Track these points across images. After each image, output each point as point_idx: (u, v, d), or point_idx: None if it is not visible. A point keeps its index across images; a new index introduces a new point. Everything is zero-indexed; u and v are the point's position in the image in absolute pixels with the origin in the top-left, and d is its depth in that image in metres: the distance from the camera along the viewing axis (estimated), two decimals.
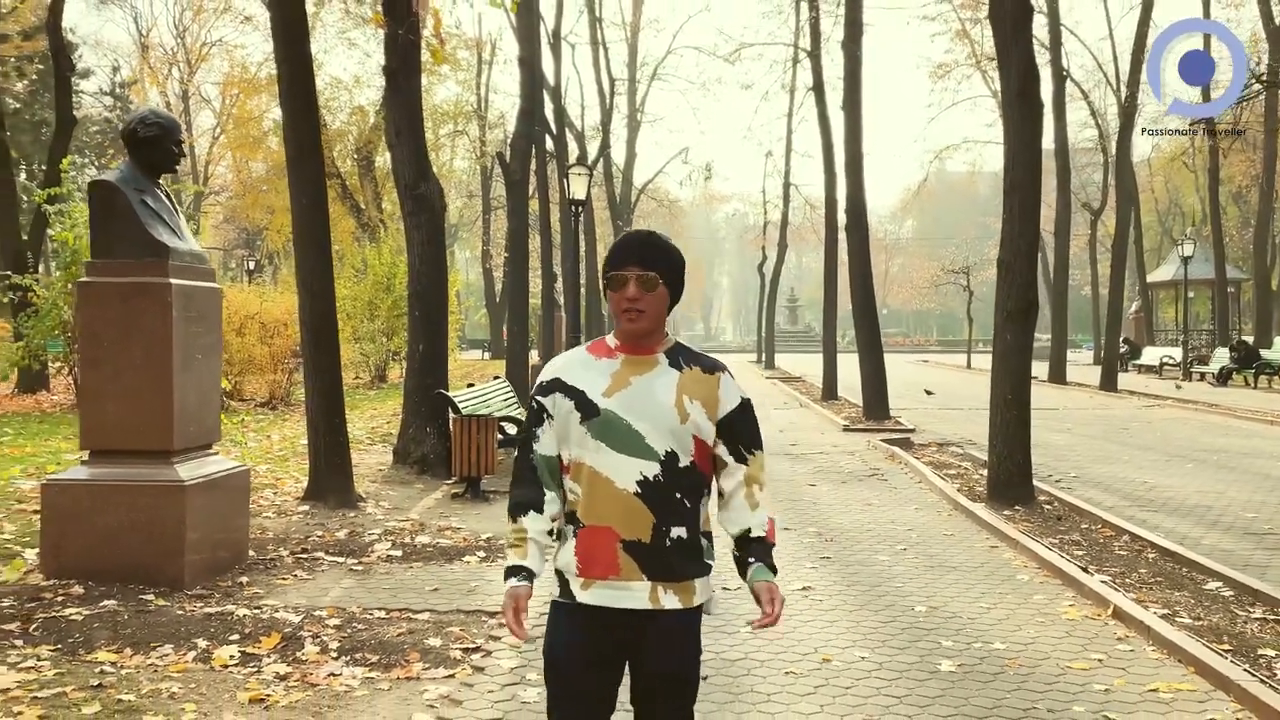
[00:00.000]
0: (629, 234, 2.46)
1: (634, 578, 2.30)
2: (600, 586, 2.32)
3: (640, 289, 2.34)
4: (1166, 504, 8.88)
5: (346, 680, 4.36)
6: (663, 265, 2.38)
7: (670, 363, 2.40)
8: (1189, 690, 4.34)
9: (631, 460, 2.30)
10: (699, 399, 2.36)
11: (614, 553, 2.30)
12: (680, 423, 2.33)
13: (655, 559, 2.31)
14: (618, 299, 2.35)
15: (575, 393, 2.36)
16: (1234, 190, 44.61)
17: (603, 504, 2.32)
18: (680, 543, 2.33)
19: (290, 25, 8.05)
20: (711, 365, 2.44)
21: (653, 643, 2.34)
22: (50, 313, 14.98)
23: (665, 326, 2.44)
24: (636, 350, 2.40)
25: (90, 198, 5.86)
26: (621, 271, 2.35)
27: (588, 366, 2.41)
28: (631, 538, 2.30)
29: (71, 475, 5.86)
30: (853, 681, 4.44)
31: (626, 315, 2.35)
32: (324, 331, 8.32)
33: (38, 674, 4.28)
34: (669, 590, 2.32)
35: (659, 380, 2.36)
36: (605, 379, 2.36)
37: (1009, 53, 8.54)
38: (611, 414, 2.32)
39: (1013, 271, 8.72)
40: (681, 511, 2.34)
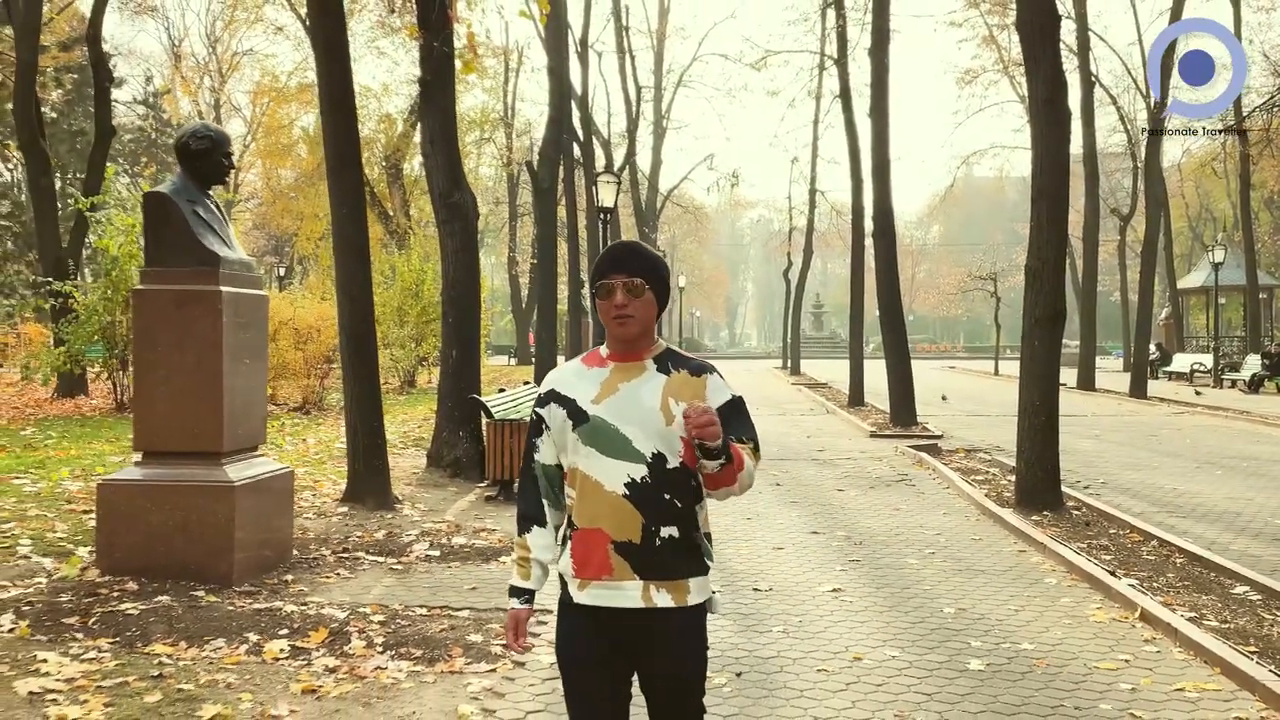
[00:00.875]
0: (613, 245, 2.53)
1: (626, 577, 2.37)
2: (595, 587, 2.39)
3: (627, 295, 2.41)
4: (1195, 510, 8.91)
5: (393, 673, 4.53)
6: (648, 272, 2.45)
7: (658, 367, 2.47)
8: (1215, 690, 4.42)
9: (619, 463, 2.37)
10: (686, 400, 2.41)
11: (606, 554, 2.37)
12: (666, 424, 2.38)
13: (646, 559, 2.37)
14: (606, 307, 2.43)
15: (568, 402, 2.44)
16: (1266, 195, 44.19)
17: (594, 506, 2.39)
18: (671, 542, 2.39)
19: (331, 42, 8.27)
20: (699, 367, 2.49)
21: (653, 644, 2.40)
22: (90, 319, 15.32)
23: (654, 333, 2.52)
24: (626, 357, 2.47)
25: (145, 209, 6.09)
26: (608, 280, 2.43)
27: (581, 376, 2.49)
28: (622, 539, 2.37)
29: (125, 476, 6.08)
30: (884, 679, 4.55)
31: (616, 321, 2.43)
32: (363, 337, 8.52)
33: (100, 665, 4.48)
34: (661, 589, 2.38)
35: (646, 385, 2.43)
36: (595, 387, 2.44)
37: (1036, 61, 8.63)
38: (600, 420, 2.40)
39: (1041, 279, 8.79)
40: (672, 511, 2.39)
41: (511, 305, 45.36)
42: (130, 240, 14.67)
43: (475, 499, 9.22)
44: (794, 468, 11.61)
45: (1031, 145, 9.00)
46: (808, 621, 5.45)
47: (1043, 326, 8.79)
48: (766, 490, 10.03)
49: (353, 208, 8.45)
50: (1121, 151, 39.57)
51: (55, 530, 7.11)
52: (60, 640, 4.81)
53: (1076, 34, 26.69)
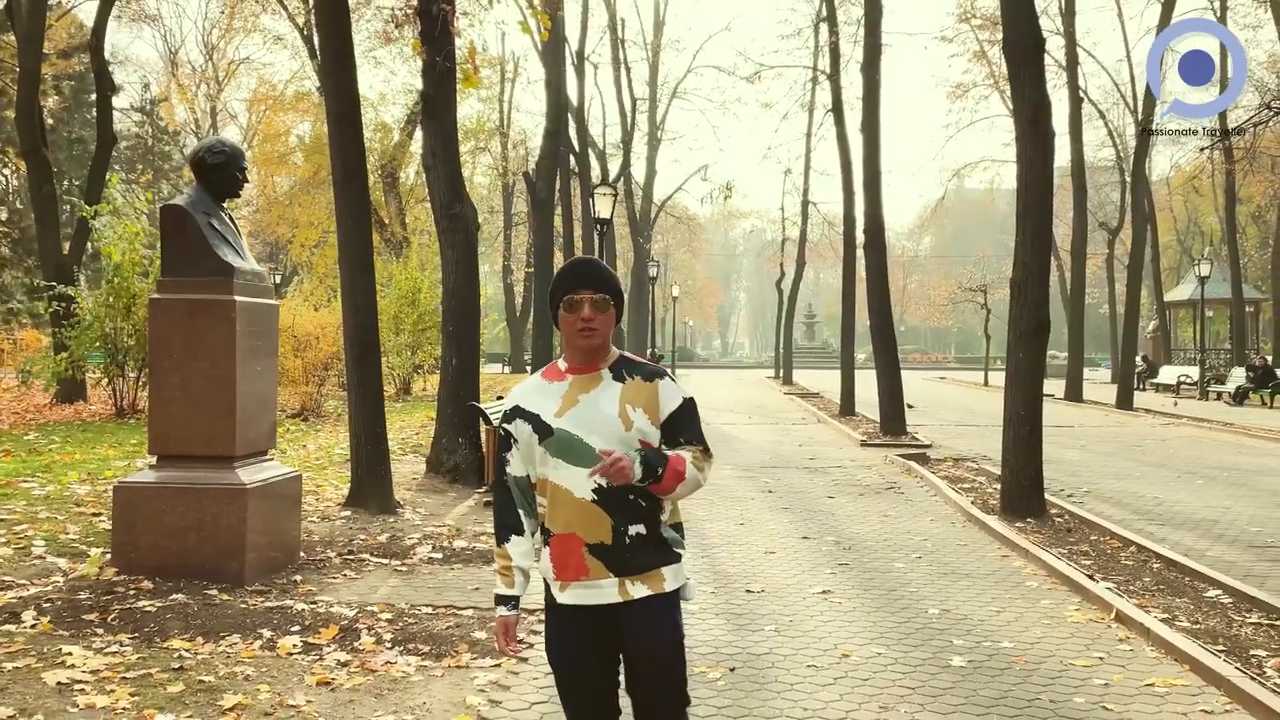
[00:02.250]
0: (579, 260, 2.68)
1: (602, 576, 2.54)
2: (575, 587, 2.56)
3: (594, 310, 2.57)
4: (1174, 518, 9.18)
5: (402, 667, 4.75)
6: (611, 289, 2.62)
7: (614, 376, 2.62)
8: (1183, 685, 4.67)
9: (586, 471, 2.51)
10: (640, 405, 2.58)
11: (581, 556, 2.53)
12: (626, 430, 2.54)
13: (618, 557, 2.53)
14: (572, 320, 2.57)
15: (532, 417, 2.59)
16: (1253, 210, 44.70)
17: (566, 513, 2.54)
18: (640, 539, 2.55)
19: (339, 57, 8.52)
20: (651, 372, 2.65)
21: (628, 625, 2.56)
22: (93, 325, 15.51)
23: (610, 344, 2.66)
24: (584, 369, 2.62)
25: (162, 220, 6.31)
26: (577, 294, 2.57)
27: (542, 391, 2.63)
28: (595, 541, 2.53)
29: (141, 478, 6.30)
30: (870, 674, 4.79)
31: (582, 334, 2.57)
32: (367, 345, 8.75)
33: (122, 658, 4.69)
34: (637, 581, 2.55)
35: (603, 394, 2.58)
36: (556, 401, 2.59)
37: (1021, 83, 8.92)
38: (564, 432, 2.54)
39: (1025, 292, 9.07)
40: (637, 511, 2.55)
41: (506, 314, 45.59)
42: (132, 248, 14.87)
43: (474, 504, 9.44)
44: (786, 475, 11.85)
45: (1017, 163, 9.29)
46: (798, 621, 5.68)
47: (1027, 339, 9.06)
48: (759, 497, 10.27)
49: (358, 219, 8.68)
50: (1110, 165, 40.06)
51: (68, 532, 7.30)
52: (82, 635, 5.01)
53: (1065, 50, 27.15)
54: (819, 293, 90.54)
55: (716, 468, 12.83)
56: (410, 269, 24.07)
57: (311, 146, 35.87)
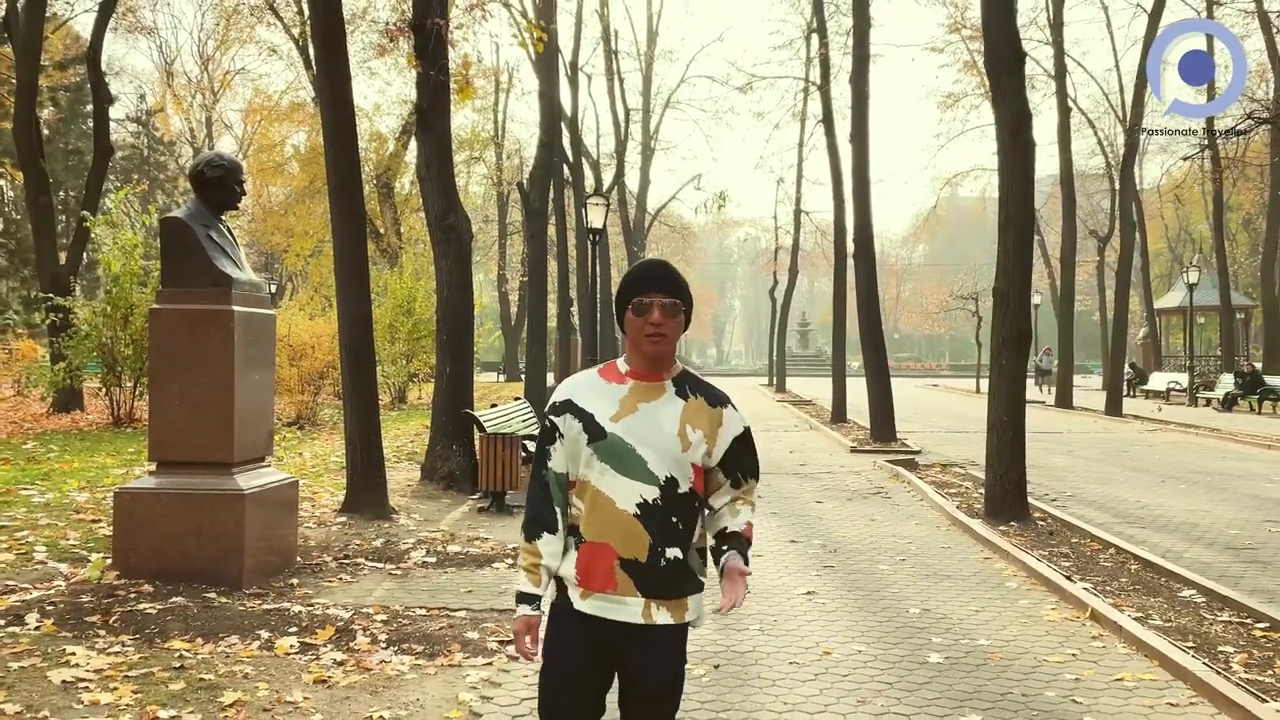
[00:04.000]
0: (651, 262, 2.54)
1: (630, 594, 2.42)
2: (598, 599, 2.43)
3: (664, 315, 2.44)
4: (1155, 521, 9.35)
5: (396, 666, 4.90)
6: (683, 294, 2.49)
7: (677, 390, 2.50)
8: (1151, 679, 4.84)
9: (633, 483, 2.41)
10: (701, 429, 2.47)
11: (612, 569, 2.41)
12: (682, 451, 2.44)
13: (651, 578, 2.42)
14: (640, 324, 2.44)
15: (585, 415, 2.46)
16: (1244, 217, 45.04)
17: (604, 522, 2.42)
18: (675, 563, 2.44)
19: (334, 71, 8.69)
20: (716, 398, 2.55)
21: (642, 654, 2.45)
22: (90, 335, 15.65)
23: (675, 354, 2.56)
24: (646, 376, 2.50)
25: (162, 233, 6.48)
26: (647, 297, 2.45)
27: (598, 390, 2.50)
28: (629, 556, 2.41)
29: (141, 485, 6.44)
30: (850, 670, 4.95)
31: (651, 339, 2.45)
32: (362, 354, 8.91)
33: (125, 658, 4.83)
34: (662, 607, 2.44)
35: (665, 409, 2.46)
36: (614, 404, 2.46)
37: (1002, 96, 9.13)
38: (617, 438, 2.42)
39: (1008, 301, 9.26)
40: (677, 534, 2.45)
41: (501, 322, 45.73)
42: (132, 259, 15.01)
43: (468, 510, 9.58)
44: (776, 481, 12.01)
45: (999, 173, 9.49)
46: (782, 620, 5.84)
47: (1009, 346, 9.25)
48: None
49: (353, 229, 8.85)
50: (1101, 174, 40.36)
51: (68, 538, 7.44)
52: (85, 636, 5.16)
53: (1054, 61, 27.39)
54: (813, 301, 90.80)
55: None
56: (405, 278, 24.23)
57: (307, 157, 36.08)
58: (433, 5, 10.23)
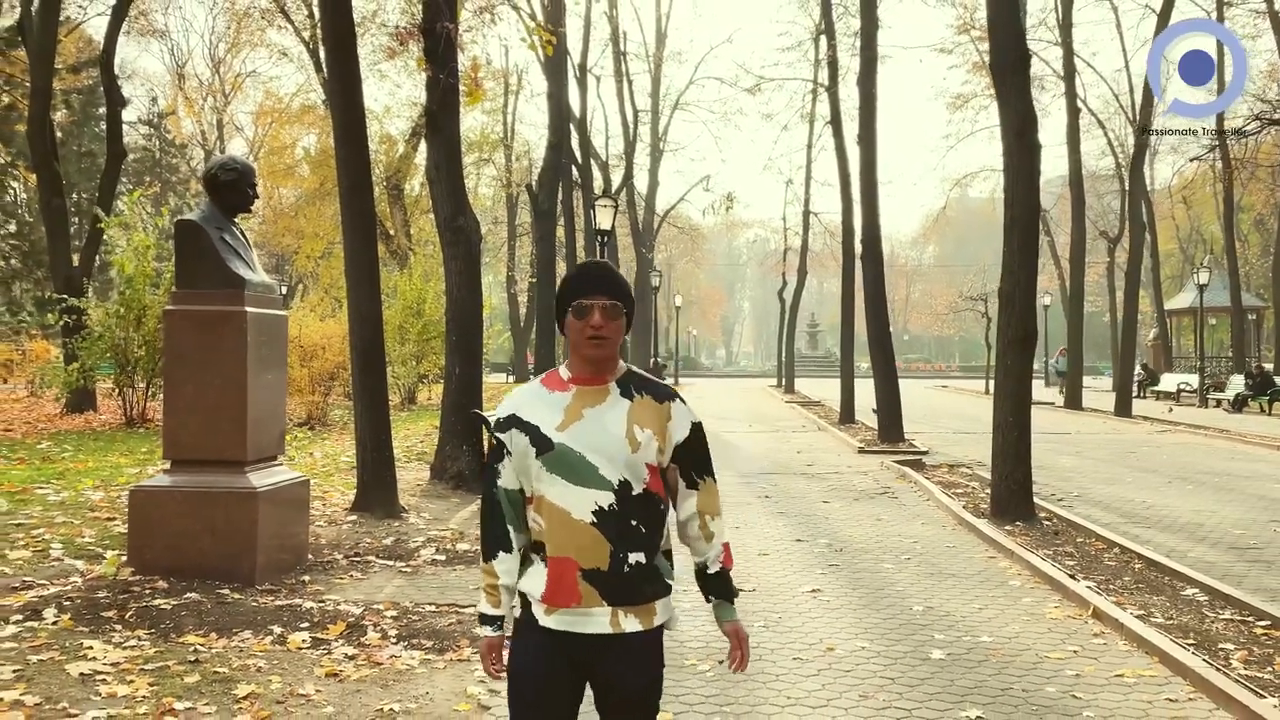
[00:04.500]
0: (590, 263, 2.50)
1: (595, 604, 2.36)
2: (563, 613, 2.37)
3: (605, 318, 2.40)
4: (1161, 521, 9.39)
5: (406, 660, 4.99)
6: (624, 296, 2.45)
7: (621, 391, 2.44)
8: (1151, 676, 4.89)
9: (586, 491, 2.34)
10: (650, 427, 2.41)
11: (574, 582, 2.35)
12: (632, 452, 2.37)
13: (615, 586, 2.36)
14: (581, 327, 2.40)
15: (530, 428, 2.40)
16: (1255, 217, 44.88)
17: (562, 535, 2.36)
18: (639, 568, 2.38)
19: (345, 75, 8.80)
20: (662, 393, 2.48)
21: (616, 664, 2.39)
22: (103, 336, 15.80)
23: (618, 356, 2.51)
24: (589, 380, 2.45)
25: (176, 235, 6.58)
26: (588, 300, 2.41)
27: (542, 400, 2.45)
28: (590, 566, 2.35)
29: (156, 483, 6.54)
30: (853, 666, 5.02)
31: (592, 343, 2.41)
32: (372, 356, 9.01)
33: (141, 652, 4.93)
34: (630, 614, 2.38)
35: (610, 411, 2.41)
36: (559, 413, 2.41)
37: (1007, 98, 9.18)
38: (565, 448, 2.36)
39: (1013, 302, 9.31)
40: (638, 537, 2.38)
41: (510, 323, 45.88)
42: (145, 260, 15.16)
43: (477, 509, 9.65)
44: (783, 481, 12.08)
45: (1004, 175, 9.54)
46: (787, 617, 5.91)
47: (1015, 347, 9.29)
48: (755, 502, 10.50)
49: (364, 231, 8.95)
50: (1112, 174, 40.28)
51: (83, 536, 7.55)
52: (101, 631, 5.26)
53: (1063, 61, 27.37)
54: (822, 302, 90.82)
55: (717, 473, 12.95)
56: (415, 279, 24.35)
57: (317, 159, 36.24)
58: (442, 9, 10.34)
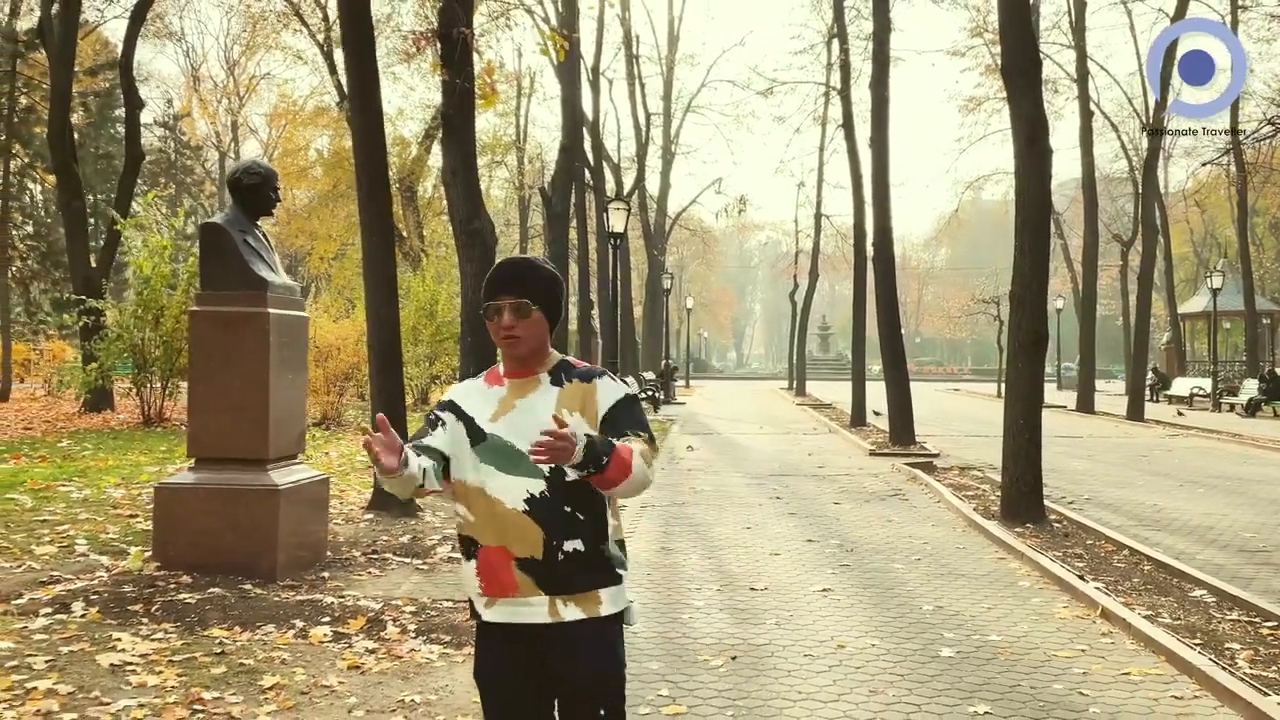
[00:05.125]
0: (499, 264, 2.51)
1: (531, 593, 2.37)
2: (502, 604, 2.39)
3: (514, 317, 2.43)
4: (1171, 524, 9.44)
5: (426, 654, 5.10)
6: (534, 291, 2.45)
7: (552, 380, 2.49)
8: (1158, 674, 4.97)
9: (518, 479, 2.37)
10: (577, 409, 2.43)
11: (510, 571, 2.36)
12: None
13: (550, 574, 2.36)
14: (494, 328, 2.45)
15: (466, 418, 2.46)
16: (1271, 220, 44.70)
17: (495, 524, 2.37)
18: (577, 556, 2.37)
19: (364, 81, 8.94)
20: (588, 374, 2.51)
21: (563, 654, 2.39)
22: (121, 336, 16.00)
23: (548, 348, 2.53)
24: (520, 374, 2.50)
25: (200, 237, 6.73)
26: (495, 302, 2.44)
27: (480, 394, 2.51)
28: (525, 555, 2.35)
29: (180, 480, 6.69)
30: (863, 663, 5.11)
31: (506, 342, 2.47)
32: (389, 355, 9.14)
33: (168, 644, 5.06)
34: (569, 602, 2.38)
35: (540, 400, 2.45)
36: (493, 405, 2.47)
37: (1018, 104, 9.26)
38: (497, 438, 2.41)
39: (1024, 305, 9.38)
40: (574, 525, 2.38)
41: None
42: (162, 261, 15.34)
43: None
44: (794, 483, 12.17)
45: (1015, 179, 9.61)
46: (798, 615, 6.01)
47: (1026, 350, 9.36)
48: (767, 503, 10.59)
49: (381, 234, 9.08)
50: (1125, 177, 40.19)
51: (107, 532, 7.70)
52: (129, 624, 5.39)
53: (1076, 65, 27.36)
54: (834, 304, 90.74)
55: (728, 475, 13.23)
56: (428, 281, 24.51)
57: (331, 161, 36.48)
58: (458, 14, 10.46)
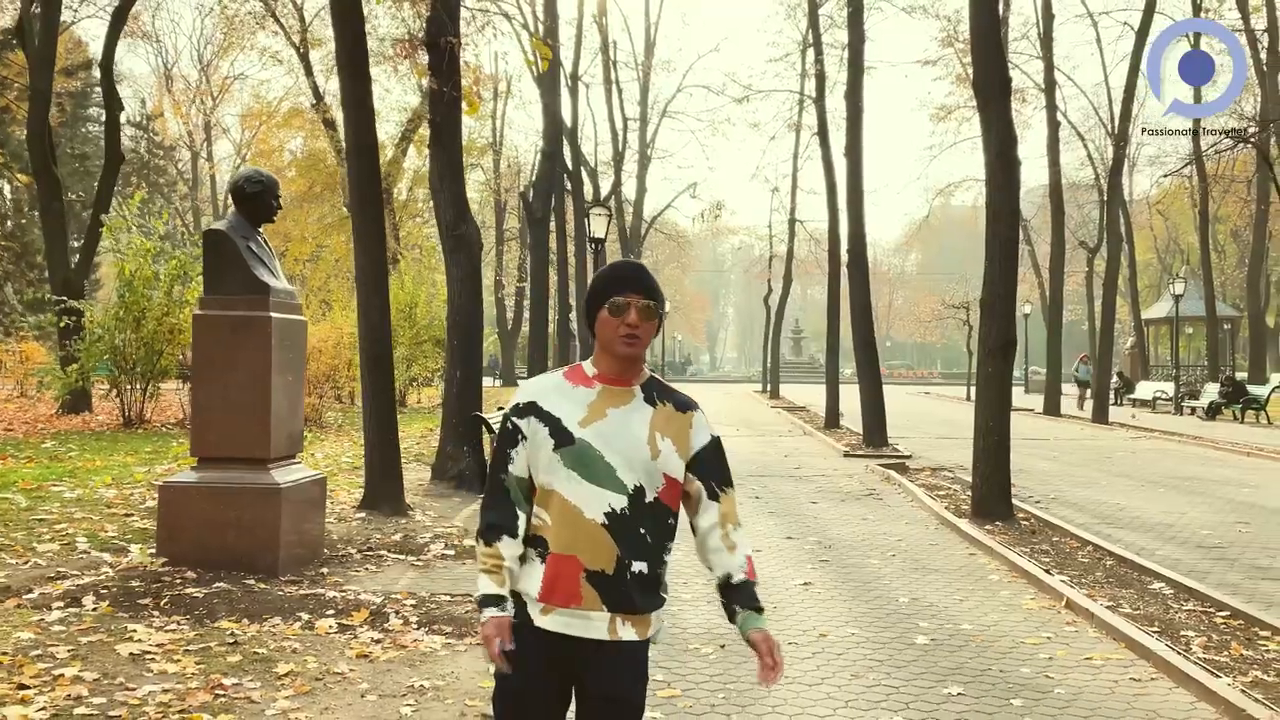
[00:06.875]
0: (626, 263, 2.47)
1: (595, 608, 2.33)
2: (561, 614, 2.34)
3: (640, 317, 2.38)
4: (1132, 522, 9.86)
5: (429, 644, 5.36)
6: (659, 297, 2.43)
7: (645, 397, 2.43)
8: (1118, 659, 5.33)
9: (601, 491, 2.32)
10: (670, 436, 2.39)
11: (577, 582, 2.32)
12: (652, 459, 2.35)
13: (617, 591, 2.33)
14: (615, 324, 2.37)
15: (551, 419, 2.37)
16: (1232, 228, 45.73)
17: (570, 533, 2.33)
18: (641, 577, 2.35)
19: (358, 96, 9.16)
20: (684, 403, 2.47)
21: (602, 668, 2.36)
22: (102, 338, 16.05)
23: (644, 359, 2.50)
24: (615, 381, 2.42)
25: (204, 243, 6.94)
26: (624, 297, 2.38)
27: (564, 394, 2.41)
28: (596, 568, 2.32)
29: (183, 478, 6.89)
30: (844, 650, 5.43)
31: (625, 341, 2.37)
32: (381, 358, 9.38)
33: (181, 635, 5.28)
34: (627, 622, 2.35)
35: (634, 414, 2.39)
36: (582, 409, 2.38)
37: (989, 120, 9.65)
38: (586, 444, 2.34)
39: (994, 312, 9.77)
40: (644, 546, 2.36)
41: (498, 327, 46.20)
42: (145, 264, 15.43)
43: (479, 508, 10.02)
44: (772, 483, 12.49)
45: (986, 189, 10.00)
46: (781, 607, 6.32)
47: (995, 355, 9.75)
48: (746, 503, 10.90)
49: (374, 241, 9.31)
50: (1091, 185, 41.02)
51: (105, 530, 7.87)
52: (141, 616, 5.60)
53: (1044, 75, 27.98)
54: (806, 308, 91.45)
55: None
56: (407, 284, 24.64)
57: (305, 162, 36.46)
58: (446, 24, 10.72)
